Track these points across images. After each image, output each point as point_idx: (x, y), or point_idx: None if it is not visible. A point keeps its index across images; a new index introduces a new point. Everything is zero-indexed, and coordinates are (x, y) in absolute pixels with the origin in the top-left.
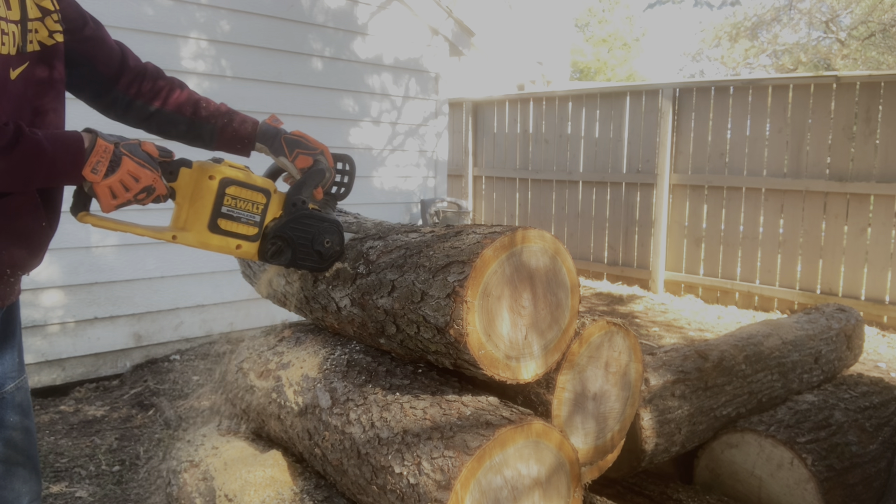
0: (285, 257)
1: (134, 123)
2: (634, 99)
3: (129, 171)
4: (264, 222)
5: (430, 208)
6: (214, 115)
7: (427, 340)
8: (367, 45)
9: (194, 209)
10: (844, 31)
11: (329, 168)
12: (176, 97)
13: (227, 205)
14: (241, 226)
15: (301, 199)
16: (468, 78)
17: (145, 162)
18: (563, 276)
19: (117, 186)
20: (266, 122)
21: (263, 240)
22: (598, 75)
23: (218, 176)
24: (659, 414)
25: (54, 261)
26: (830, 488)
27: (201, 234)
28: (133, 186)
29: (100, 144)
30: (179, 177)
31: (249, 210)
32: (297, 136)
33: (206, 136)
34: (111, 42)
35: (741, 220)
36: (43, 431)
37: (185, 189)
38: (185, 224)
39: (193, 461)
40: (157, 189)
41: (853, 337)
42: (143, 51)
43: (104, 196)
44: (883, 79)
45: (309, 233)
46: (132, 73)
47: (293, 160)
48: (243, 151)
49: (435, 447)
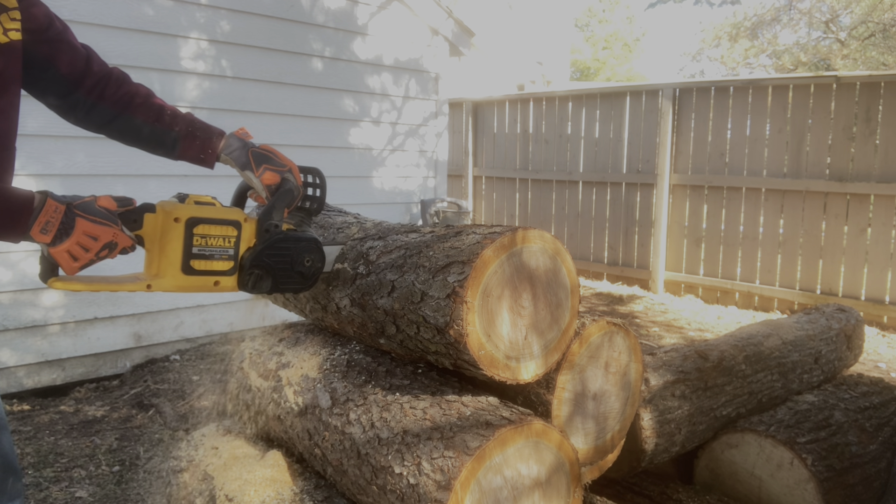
0: (266, 285)
1: (94, 128)
2: (634, 99)
3: (86, 232)
4: (239, 254)
5: (430, 208)
6: (179, 123)
7: (427, 341)
8: (367, 46)
9: (165, 254)
10: (844, 31)
11: (297, 186)
12: (140, 103)
13: (198, 245)
14: (216, 262)
15: (273, 223)
16: (468, 78)
17: (102, 219)
18: (562, 277)
19: (76, 249)
20: (234, 135)
21: (241, 271)
22: (598, 75)
23: (183, 217)
24: (659, 414)
25: None
26: (830, 488)
27: (176, 278)
28: (92, 246)
29: (49, 204)
30: (144, 223)
31: (222, 245)
32: (265, 150)
33: (168, 144)
34: (77, 45)
35: (741, 220)
36: (43, 431)
37: (153, 235)
38: (158, 271)
39: (193, 461)
40: (120, 243)
41: (853, 337)
42: (143, 51)
43: (64, 260)
44: (883, 79)
45: (287, 256)
46: (96, 76)
47: (260, 175)
48: (207, 163)
49: (435, 447)
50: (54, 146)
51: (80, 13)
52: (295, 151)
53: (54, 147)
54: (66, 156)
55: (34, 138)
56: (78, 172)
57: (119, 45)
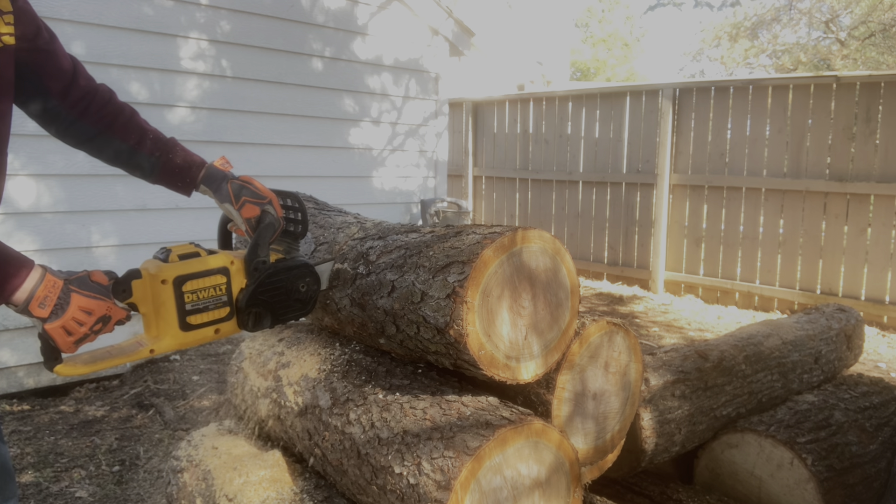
0: (266, 321)
1: (74, 143)
2: (634, 99)
3: (80, 307)
4: (233, 298)
5: (430, 208)
6: (160, 148)
7: (427, 341)
8: (367, 46)
9: (160, 316)
10: (844, 31)
11: (277, 219)
12: (122, 123)
13: (190, 301)
14: (212, 312)
15: (260, 261)
16: (468, 78)
17: (95, 293)
18: (562, 277)
19: (71, 324)
20: (214, 165)
21: (239, 313)
22: (598, 75)
23: (170, 277)
24: (659, 414)
25: (54, 261)
26: (830, 488)
27: (175, 337)
28: (86, 321)
29: (48, 279)
30: (134, 291)
31: (214, 294)
32: (245, 181)
33: (146, 168)
34: (64, 57)
35: (741, 220)
36: (43, 431)
37: (145, 300)
38: (157, 333)
39: (193, 461)
40: (114, 316)
41: (853, 337)
42: (143, 51)
43: (59, 337)
44: (883, 79)
45: (281, 288)
46: (81, 91)
47: (239, 208)
48: (184, 190)
49: (435, 447)
50: (54, 146)
51: (80, 13)
52: (295, 151)
53: (54, 147)
54: (66, 156)
55: (34, 138)
56: (78, 172)
57: (119, 45)
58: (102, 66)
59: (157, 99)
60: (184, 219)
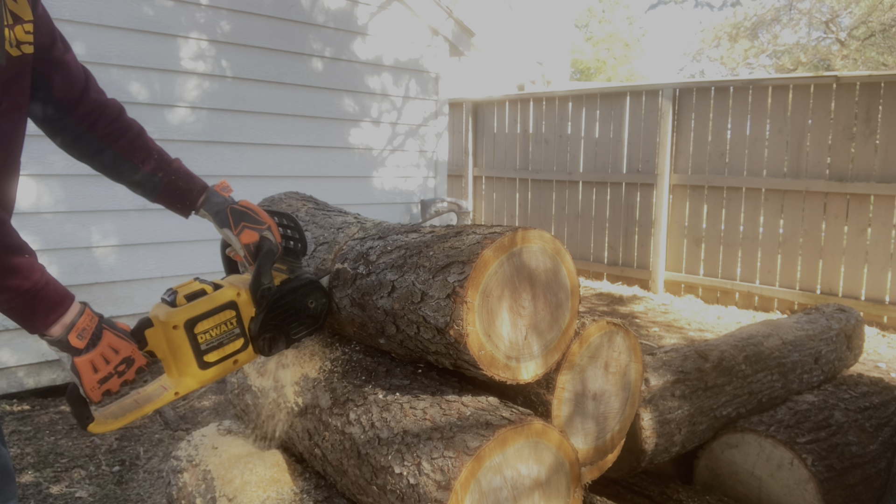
0: (281, 344)
1: (78, 156)
2: (634, 99)
3: (110, 344)
4: (245, 328)
5: (430, 208)
6: (163, 169)
7: (427, 341)
8: (367, 46)
9: (178, 360)
10: (844, 31)
11: (276, 244)
12: (128, 141)
13: (204, 341)
14: (227, 347)
15: (265, 287)
16: (468, 78)
17: (122, 335)
18: (562, 277)
19: (98, 360)
20: (214, 189)
21: (254, 341)
22: (598, 75)
23: (180, 322)
24: (659, 414)
25: (54, 261)
26: (830, 488)
27: (196, 376)
28: (113, 358)
29: (87, 313)
30: (148, 340)
31: (226, 330)
32: (244, 207)
33: (147, 187)
34: (77, 69)
35: (741, 220)
36: (43, 431)
37: (160, 346)
38: (178, 375)
39: (193, 461)
40: (137, 360)
41: (853, 337)
42: (143, 51)
43: (86, 371)
44: (883, 79)
45: (290, 309)
46: (90, 106)
47: (238, 234)
48: (183, 212)
49: (435, 447)
50: (55, 146)
51: (80, 13)
52: (295, 151)
53: (55, 147)
54: (67, 156)
55: (34, 139)
56: (78, 173)
57: (119, 45)
58: (102, 66)
59: (157, 99)
60: (184, 219)
